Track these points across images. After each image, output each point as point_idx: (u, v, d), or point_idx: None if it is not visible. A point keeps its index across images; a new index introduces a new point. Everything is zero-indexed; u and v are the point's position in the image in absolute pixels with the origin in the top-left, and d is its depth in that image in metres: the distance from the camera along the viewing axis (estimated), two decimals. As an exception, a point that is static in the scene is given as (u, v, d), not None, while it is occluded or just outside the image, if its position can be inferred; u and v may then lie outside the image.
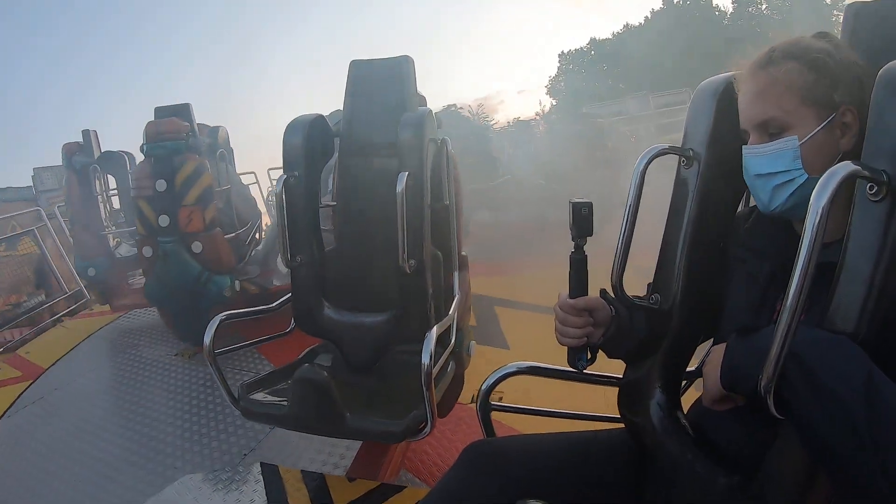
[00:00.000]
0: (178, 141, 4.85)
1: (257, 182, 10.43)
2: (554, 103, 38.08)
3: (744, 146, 1.29)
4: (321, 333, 2.72)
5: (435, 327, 2.30)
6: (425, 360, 2.15)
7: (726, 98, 1.41)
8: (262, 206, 8.25)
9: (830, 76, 1.20)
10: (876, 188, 1.00)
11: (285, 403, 2.41)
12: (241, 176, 10.16)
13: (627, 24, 33.66)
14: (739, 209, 1.52)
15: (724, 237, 1.48)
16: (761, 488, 1.17)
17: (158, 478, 3.23)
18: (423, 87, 3.09)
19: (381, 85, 2.98)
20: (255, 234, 5.77)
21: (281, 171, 2.69)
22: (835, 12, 26.37)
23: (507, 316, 5.41)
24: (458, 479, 1.48)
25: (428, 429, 2.27)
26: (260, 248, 5.87)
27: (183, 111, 5.14)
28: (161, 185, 4.77)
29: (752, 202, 1.45)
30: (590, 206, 1.41)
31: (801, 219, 1.09)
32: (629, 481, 1.47)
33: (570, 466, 1.48)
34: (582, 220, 1.41)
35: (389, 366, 2.67)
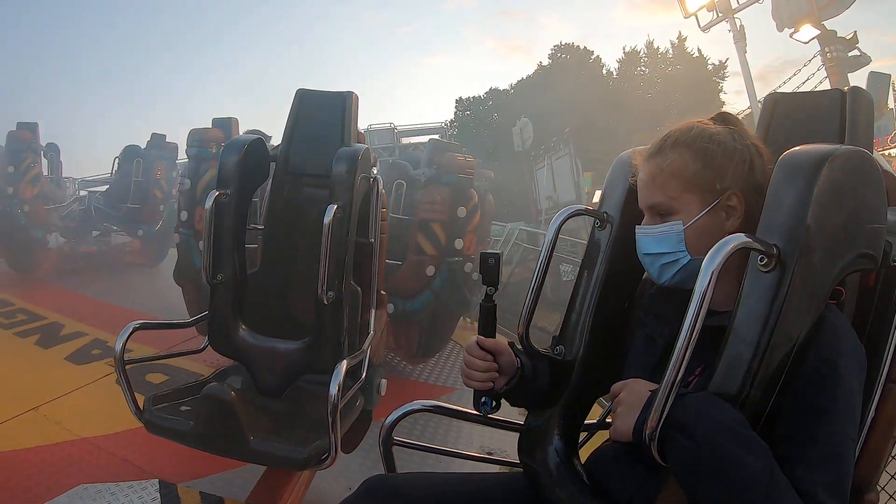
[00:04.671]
0: (469, 177, 5.31)
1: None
2: None
3: (637, 226, 1.40)
4: (234, 354, 2.70)
5: (346, 359, 2.33)
6: (332, 390, 2.17)
7: None
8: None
9: (715, 165, 1.31)
10: (766, 260, 1.10)
11: (190, 420, 2.39)
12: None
13: (524, 78, 34.01)
14: (646, 274, 1.62)
15: (629, 298, 1.57)
16: None
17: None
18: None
19: (324, 116, 3.03)
20: None
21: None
22: (715, 78, 27.26)
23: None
24: None
25: (330, 459, 2.28)
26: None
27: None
28: (461, 211, 5.17)
29: None
30: (497, 256, 1.49)
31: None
32: None
33: None
34: (488, 270, 1.48)
35: (298, 393, 2.66)
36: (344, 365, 2.27)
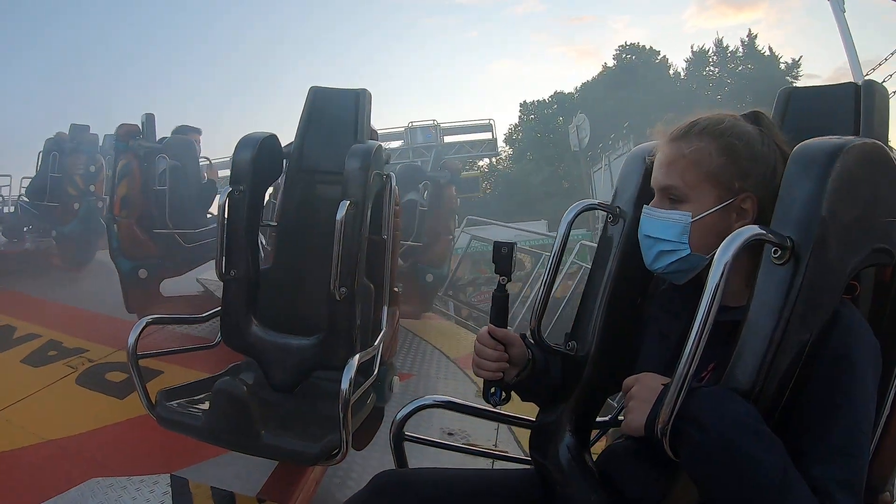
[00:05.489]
0: None
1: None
2: (510, 153, 38.43)
3: (644, 205, 1.38)
4: (246, 350, 2.71)
5: (357, 355, 2.34)
6: (344, 386, 2.18)
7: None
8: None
9: (739, 164, 1.28)
10: (780, 252, 1.09)
11: (202, 415, 2.40)
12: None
13: (589, 80, 34.04)
14: None
15: (642, 294, 1.55)
16: None
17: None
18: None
19: (337, 114, 3.05)
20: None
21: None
22: (788, 77, 26.95)
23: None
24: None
25: (341, 454, 2.29)
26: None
27: None
28: None
29: None
30: (511, 246, 1.47)
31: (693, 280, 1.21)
32: None
33: (479, 503, 1.51)
34: (501, 259, 1.47)
35: (310, 390, 2.67)
36: (356, 360, 2.28)
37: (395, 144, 21.17)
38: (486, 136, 26.00)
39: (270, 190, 3.13)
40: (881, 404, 1.26)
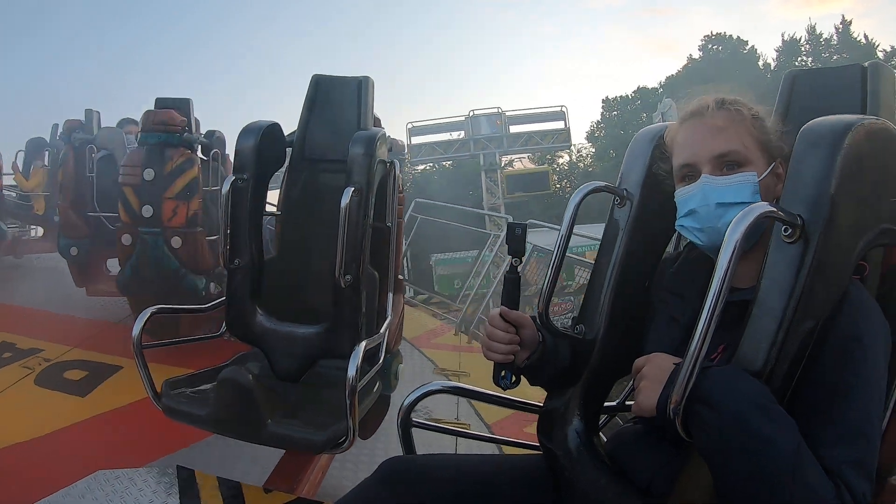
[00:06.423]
0: (172, 133, 4.69)
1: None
2: (592, 150, 38.22)
3: (703, 175, 1.33)
4: (251, 339, 2.70)
5: (363, 343, 2.33)
6: (350, 373, 2.17)
7: (662, 144, 1.49)
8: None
9: (774, 131, 1.33)
10: (790, 230, 1.08)
11: (207, 404, 2.40)
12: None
13: (671, 76, 33.91)
14: (667, 252, 1.59)
15: (649, 276, 1.55)
16: None
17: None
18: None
19: (340, 102, 3.03)
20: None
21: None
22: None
23: None
24: (370, 491, 1.47)
25: (348, 442, 2.28)
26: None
27: (183, 105, 4.99)
28: (149, 174, 4.56)
29: (682, 245, 1.52)
30: (524, 227, 1.46)
31: None
32: None
33: (487, 489, 1.50)
34: (515, 240, 1.46)
35: (316, 378, 2.66)
36: (362, 347, 2.27)
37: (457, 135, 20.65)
38: (558, 125, 24.99)
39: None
40: (890, 386, 1.25)
